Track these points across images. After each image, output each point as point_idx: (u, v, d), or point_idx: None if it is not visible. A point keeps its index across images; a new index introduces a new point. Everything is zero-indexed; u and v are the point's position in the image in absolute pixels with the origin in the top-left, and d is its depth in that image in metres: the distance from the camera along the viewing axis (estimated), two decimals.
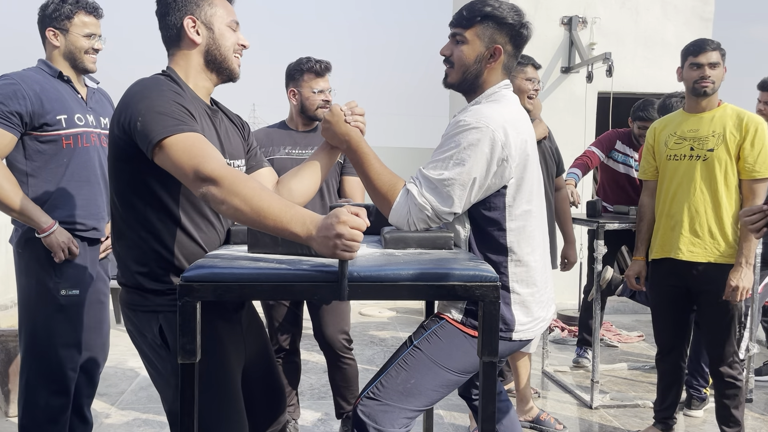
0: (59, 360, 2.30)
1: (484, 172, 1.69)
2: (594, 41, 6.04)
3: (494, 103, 1.78)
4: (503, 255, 1.77)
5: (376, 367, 4.22)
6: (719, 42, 2.80)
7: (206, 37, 1.66)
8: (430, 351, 1.76)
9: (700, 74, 2.76)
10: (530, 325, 1.81)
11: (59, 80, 2.37)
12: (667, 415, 3.05)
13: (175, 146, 1.43)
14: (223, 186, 1.38)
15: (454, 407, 3.48)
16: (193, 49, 1.66)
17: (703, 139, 2.76)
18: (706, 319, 2.83)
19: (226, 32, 1.68)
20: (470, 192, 1.70)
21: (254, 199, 1.37)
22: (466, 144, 1.68)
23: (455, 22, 1.82)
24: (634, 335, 5.08)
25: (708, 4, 6.30)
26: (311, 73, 2.79)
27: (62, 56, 2.40)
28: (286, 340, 2.93)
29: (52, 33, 2.37)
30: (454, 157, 1.69)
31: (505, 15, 1.78)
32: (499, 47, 1.79)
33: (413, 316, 5.80)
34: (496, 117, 1.70)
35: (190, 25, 1.64)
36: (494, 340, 1.39)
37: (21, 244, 2.31)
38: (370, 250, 1.65)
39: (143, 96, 1.51)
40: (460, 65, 1.82)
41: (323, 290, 1.36)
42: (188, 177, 1.42)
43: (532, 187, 1.80)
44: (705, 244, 2.76)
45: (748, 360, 3.68)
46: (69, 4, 2.36)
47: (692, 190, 2.76)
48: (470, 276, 1.40)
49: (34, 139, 2.28)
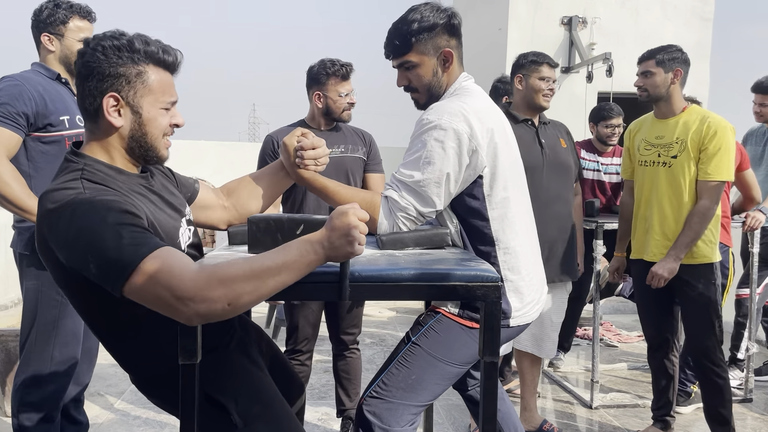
0: (58, 361, 2.30)
1: (457, 167, 1.71)
2: (594, 41, 6.04)
3: (455, 97, 1.79)
4: (491, 245, 1.78)
5: (376, 367, 4.22)
6: (663, 48, 2.85)
7: (131, 121, 1.41)
8: (428, 346, 1.77)
9: (636, 84, 2.89)
10: (525, 309, 1.83)
11: (57, 82, 2.38)
12: (665, 413, 3.07)
13: (142, 277, 1.22)
14: (211, 293, 1.21)
15: (454, 407, 3.48)
16: (114, 132, 1.41)
17: (667, 145, 2.83)
18: (685, 314, 2.90)
19: (158, 117, 1.43)
20: (447, 187, 1.72)
21: (248, 273, 1.22)
22: (432, 142, 1.69)
23: (393, 53, 1.83)
24: (634, 335, 5.08)
25: (708, 4, 6.31)
26: (337, 77, 2.80)
27: (58, 61, 2.40)
28: (304, 342, 2.92)
29: (47, 38, 2.38)
30: (423, 158, 1.70)
31: (432, 20, 1.77)
32: (447, 50, 1.80)
33: (413, 316, 5.80)
34: (457, 110, 1.71)
35: (111, 104, 1.38)
36: (496, 340, 1.39)
37: (29, 246, 2.30)
38: (370, 251, 1.65)
39: (85, 238, 1.25)
40: (423, 86, 1.83)
41: (324, 290, 1.36)
42: (166, 302, 1.22)
43: (506, 174, 1.80)
44: None
45: (747, 360, 3.68)
46: (63, 9, 2.37)
47: (660, 195, 2.83)
48: (472, 276, 1.39)
49: (37, 140, 2.28)
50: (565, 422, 3.34)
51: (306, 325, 2.90)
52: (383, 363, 1.84)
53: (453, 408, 3.48)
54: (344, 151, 2.86)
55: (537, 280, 1.89)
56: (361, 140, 2.94)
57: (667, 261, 2.75)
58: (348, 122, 2.88)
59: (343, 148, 2.86)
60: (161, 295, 1.21)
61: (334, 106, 2.82)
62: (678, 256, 2.75)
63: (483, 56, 6.83)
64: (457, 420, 3.34)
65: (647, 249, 2.89)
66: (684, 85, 2.86)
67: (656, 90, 2.83)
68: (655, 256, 2.85)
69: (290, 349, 2.94)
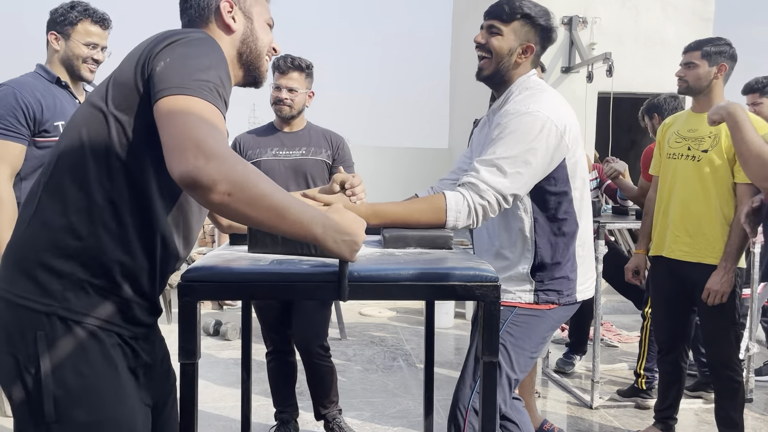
0: None
1: (546, 154, 1.78)
2: (594, 41, 6.04)
3: (536, 91, 1.87)
4: (574, 226, 1.91)
5: (376, 367, 4.23)
6: (711, 40, 2.78)
7: (244, 26, 1.40)
8: (514, 342, 1.88)
9: (678, 74, 2.82)
10: (588, 284, 1.99)
11: (57, 86, 2.36)
12: (668, 414, 3.05)
13: (187, 106, 1.11)
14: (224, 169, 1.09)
15: None
16: (227, 37, 1.38)
17: (699, 139, 2.76)
18: (703, 318, 2.84)
19: (264, 28, 1.44)
20: (534, 170, 1.77)
21: (272, 193, 1.13)
22: (522, 126, 1.76)
23: (494, 14, 1.91)
24: (634, 335, 5.07)
25: (708, 4, 6.31)
26: (274, 70, 2.82)
27: (60, 61, 2.39)
28: (279, 341, 2.96)
29: (53, 36, 2.37)
30: (513, 139, 1.76)
31: (541, 18, 1.91)
32: (532, 45, 1.91)
33: (413, 316, 5.80)
34: (544, 101, 1.82)
35: (227, 9, 1.37)
36: (495, 340, 1.39)
37: None
38: (369, 250, 1.65)
39: (192, 47, 1.19)
40: (496, 55, 1.90)
41: (323, 290, 1.35)
42: (182, 149, 1.07)
43: (580, 161, 1.91)
44: (697, 245, 2.76)
45: (748, 360, 3.68)
46: (76, 11, 2.35)
47: (686, 190, 2.76)
48: (471, 276, 1.39)
49: (32, 145, 2.28)
50: (565, 422, 3.34)
51: (274, 326, 2.92)
52: (463, 370, 1.94)
53: None
54: (304, 153, 2.83)
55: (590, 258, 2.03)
56: (327, 142, 2.89)
57: (720, 274, 2.65)
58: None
59: (303, 150, 2.83)
60: (189, 134, 1.08)
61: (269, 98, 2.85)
62: (730, 266, 2.65)
63: None
64: None
65: (666, 245, 2.83)
66: (727, 81, 2.78)
67: (698, 83, 2.75)
68: (673, 253, 2.79)
69: (269, 351, 3.00)
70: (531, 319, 1.90)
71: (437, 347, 3.64)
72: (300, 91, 2.81)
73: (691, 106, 2.90)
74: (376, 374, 4.11)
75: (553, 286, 1.90)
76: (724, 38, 2.80)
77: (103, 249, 1.24)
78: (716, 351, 2.80)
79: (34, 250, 1.24)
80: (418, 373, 4.10)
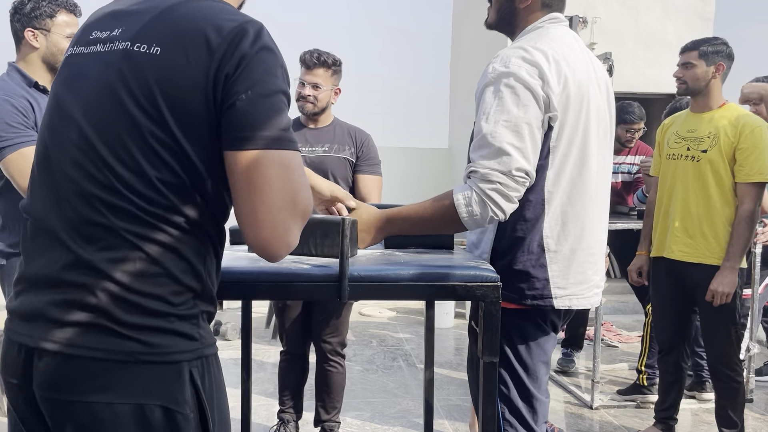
0: None
1: (534, 116, 1.52)
2: (594, 41, 6.04)
3: (524, 40, 1.65)
4: (539, 210, 1.61)
5: (376, 367, 4.22)
6: (707, 40, 2.78)
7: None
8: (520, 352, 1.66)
9: (675, 75, 2.81)
10: (572, 289, 1.66)
11: (35, 89, 2.17)
12: (668, 415, 3.05)
13: (282, 166, 1.02)
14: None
15: (454, 407, 3.48)
16: None
17: (699, 139, 2.76)
18: (704, 318, 2.83)
19: None
20: (530, 138, 1.51)
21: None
22: (502, 89, 1.52)
23: None
24: (634, 335, 5.07)
25: (708, 4, 6.30)
26: (301, 64, 2.76)
27: (41, 59, 2.19)
28: (296, 343, 2.91)
29: (31, 33, 2.17)
30: (493, 109, 1.52)
31: None
32: None
33: (413, 316, 5.80)
34: (522, 54, 1.56)
35: None
36: (495, 340, 1.39)
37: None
38: (369, 250, 1.65)
39: (266, 64, 1.04)
40: (497, 1, 1.76)
41: (323, 290, 1.35)
42: (273, 225, 1.02)
43: (581, 133, 1.60)
44: (697, 245, 2.76)
45: (748, 360, 3.68)
46: (48, 2, 2.17)
47: (686, 190, 2.76)
48: (471, 276, 1.39)
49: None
50: (565, 422, 3.34)
51: (293, 327, 2.87)
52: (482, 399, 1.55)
53: (453, 408, 3.48)
54: (327, 150, 2.75)
55: (598, 257, 1.70)
56: (351, 140, 2.80)
57: (724, 275, 2.64)
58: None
59: (326, 148, 2.76)
60: (284, 187, 1.02)
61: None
62: (734, 267, 2.65)
63: (484, 56, 6.83)
64: (457, 420, 3.33)
65: (667, 246, 2.82)
66: (725, 81, 2.78)
67: (696, 83, 2.75)
68: (673, 253, 2.79)
69: (284, 351, 2.95)
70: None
71: (437, 347, 3.64)
72: (324, 88, 2.73)
73: (690, 107, 2.90)
74: (376, 374, 4.11)
75: (512, 281, 1.58)
76: (721, 38, 2.80)
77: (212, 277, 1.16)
78: (717, 351, 2.80)
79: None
80: (418, 373, 4.09)
